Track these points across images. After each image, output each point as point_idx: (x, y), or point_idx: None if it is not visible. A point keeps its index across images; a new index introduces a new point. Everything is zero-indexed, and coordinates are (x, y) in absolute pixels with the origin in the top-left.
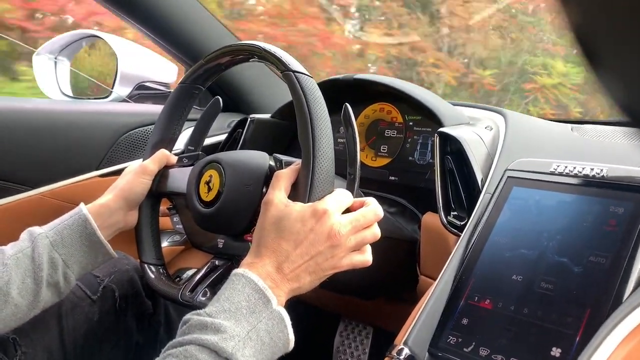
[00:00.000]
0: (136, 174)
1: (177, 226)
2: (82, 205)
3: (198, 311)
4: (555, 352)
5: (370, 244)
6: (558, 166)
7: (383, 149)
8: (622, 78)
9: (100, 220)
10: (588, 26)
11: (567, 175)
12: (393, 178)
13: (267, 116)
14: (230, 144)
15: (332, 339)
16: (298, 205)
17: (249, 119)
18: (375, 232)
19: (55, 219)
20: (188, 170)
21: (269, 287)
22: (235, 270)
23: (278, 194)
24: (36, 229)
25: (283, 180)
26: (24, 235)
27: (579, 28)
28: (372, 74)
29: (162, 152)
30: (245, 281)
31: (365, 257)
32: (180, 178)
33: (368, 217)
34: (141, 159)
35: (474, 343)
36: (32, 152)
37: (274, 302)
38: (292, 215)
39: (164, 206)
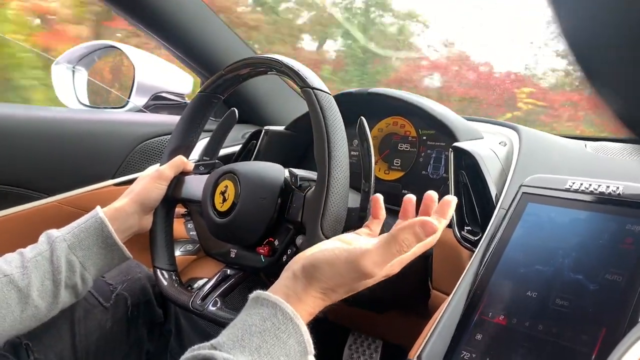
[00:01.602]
0: (152, 178)
1: (190, 233)
2: (98, 208)
3: None
4: None
5: None
6: (573, 183)
7: (396, 163)
8: (620, 93)
9: (115, 223)
10: (585, 42)
11: (583, 192)
12: (406, 192)
13: (281, 128)
14: (244, 155)
15: (341, 352)
16: (377, 276)
17: (263, 131)
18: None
19: (72, 222)
20: (204, 178)
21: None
22: (288, 310)
23: (378, 274)
24: (54, 232)
25: (383, 260)
26: (42, 238)
27: (576, 44)
28: (386, 88)
29: (179, 159)
30: (292, 330)
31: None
32: (196, 185)
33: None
34: (158, 165)
35: (487, 359)
36: (49, 160)
37: (310, 356)
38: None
39: (179, 209)
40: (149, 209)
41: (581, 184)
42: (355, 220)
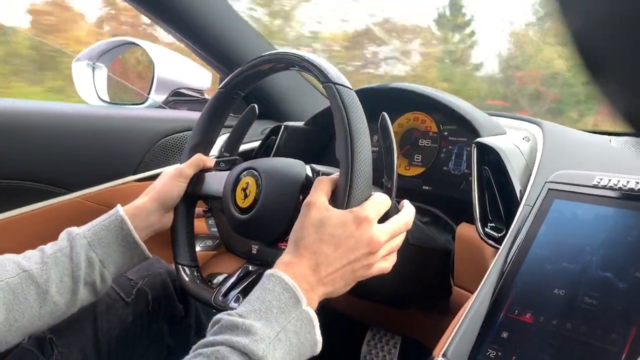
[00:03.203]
0: (172, 177)
1: (212, 229)
2: (119, 206)
3: (229, 311)
4: None
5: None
6: (601, 179)
7: (417, 159)
8: (623, 89)
9: (136, 221)
10: (589, 38)
11: (611, 188)
12: (427, 188)
13: (300, 124)
14: (264, 151)
15: (360, 348)
16: (339, 211)
17: (282, 127)
18: (400, 242)
19: (93, 220)
20: (225, 174)
21: (304, 289)
22: (268, 271)
23: (320, 197)
24: (74, 229)
25: (325, 184)
26: (62, 235)
27: (581, 40)
28: (407, 83)
29: (199, 156)
30: (275, 280)
31: (390, 263)
32: (216, 182)
33: (400, 227)
34: (178, 163)
35: (514, 357)
36: (70, 157)
37: (303, 303)
38: (333, 220)
39: (200, 208)
40: (169, 207)
41: (609, 180)
42: None
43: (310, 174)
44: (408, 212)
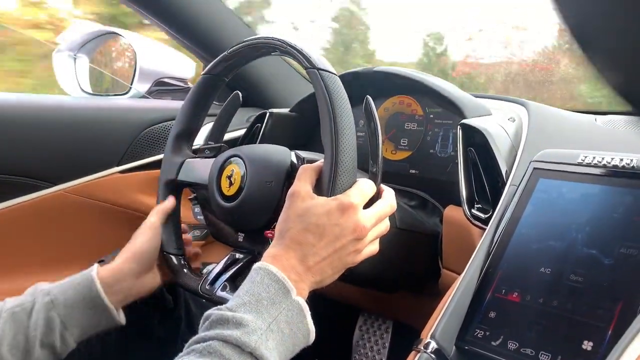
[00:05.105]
0: (142, 234)
1: (198, 217)
2: (95, 266)
3: (219, 306)
4: (587, 345)
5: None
6: (586, 157)
7: (403, 142)
8: (617, 66)
9: (109, 283)
10: (581, 16)
11: (596, 166)
12: (414, 171)
13: (285, 110)
14: (249, 138)
15: (352, 333)
16: (323, 199)
17: (267, 114)
18: (388, 224)
19: (67, 278)
20: (210, 161)
21: (292, 280)
22: (255, 264)
23: (304, 186)
24: (43, 285)
25: (309, 173)
26: (29, 289)
27: (573, 19)
28: (391, 67)
29: (163, 205)
30: (264, 273)
31: (375, 247)
32: (202, 169)
33: (385, 210)
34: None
35: (502, 337)
36: (53, 149)
37: (293, 293)
38: (318, 209)
39: (185, 197)
40: (147, 266)
41: (594, 158)
42: None
43: (295, 160)
44: (389, 195)
